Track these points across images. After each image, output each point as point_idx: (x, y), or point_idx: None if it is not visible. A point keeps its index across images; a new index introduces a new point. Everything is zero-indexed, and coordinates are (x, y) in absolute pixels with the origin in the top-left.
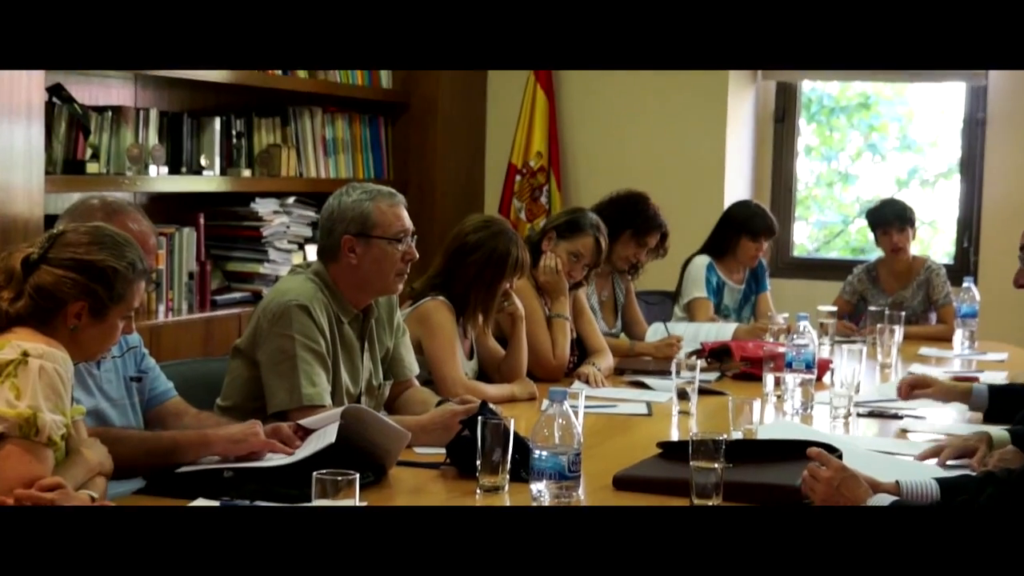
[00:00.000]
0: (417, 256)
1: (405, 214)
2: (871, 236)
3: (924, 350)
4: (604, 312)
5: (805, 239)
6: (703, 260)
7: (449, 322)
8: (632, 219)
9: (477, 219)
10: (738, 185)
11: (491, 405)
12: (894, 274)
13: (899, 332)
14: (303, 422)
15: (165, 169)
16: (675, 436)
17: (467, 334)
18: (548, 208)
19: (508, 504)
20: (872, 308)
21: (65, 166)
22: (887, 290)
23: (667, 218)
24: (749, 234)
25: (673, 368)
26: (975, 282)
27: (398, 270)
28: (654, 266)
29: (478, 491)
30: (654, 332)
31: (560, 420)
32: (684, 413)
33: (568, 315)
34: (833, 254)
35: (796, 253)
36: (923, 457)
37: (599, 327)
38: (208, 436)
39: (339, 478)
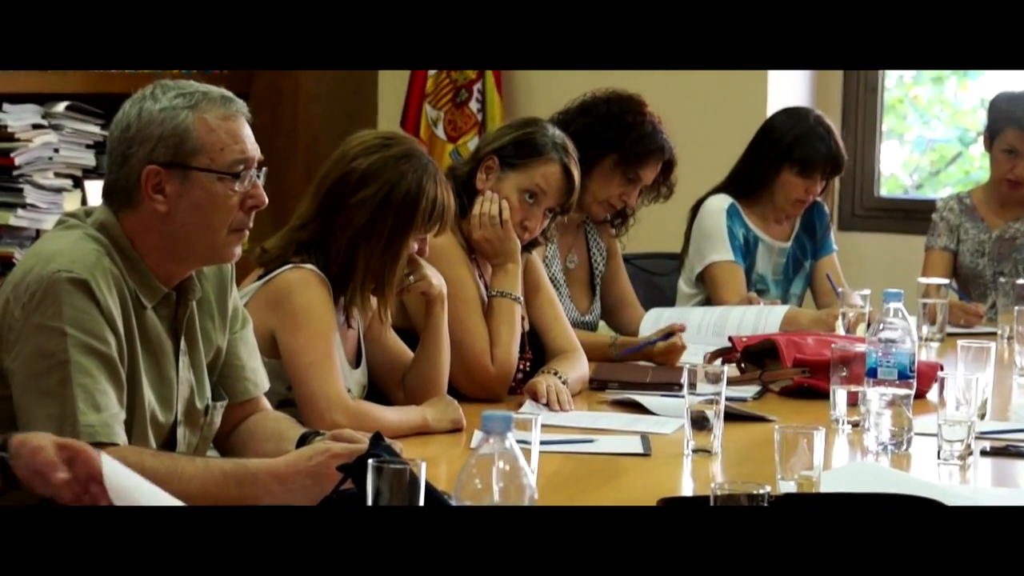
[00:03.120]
0: (266, 201)
1: (248, 132)
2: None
3: None
4: (573, 288)
5: (898, 169)
6: (721, 201)
7: (322, 305)
8: (617, 137)
9: (368, 136)
10: (786, 84)
11: (389, 440)
12: (1001, 199)
13: None
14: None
15: None
16: (688, 490)
17: (351, 324)
18: (483, 120)
19: None
20: (1004, 279)
21: None
22: (989, 223)
23: (677, 142)
24: (797, 163)
25: (684, 379)
26: None
27: (235, 223)
28: (653, 214)
29: None
30: (654, 321)
31: (501, 464)
32: (702, 452)
33: (519, 293)
34: (944, 192)
35: (884, 192)
36: None
37: (565, 312)
38: None
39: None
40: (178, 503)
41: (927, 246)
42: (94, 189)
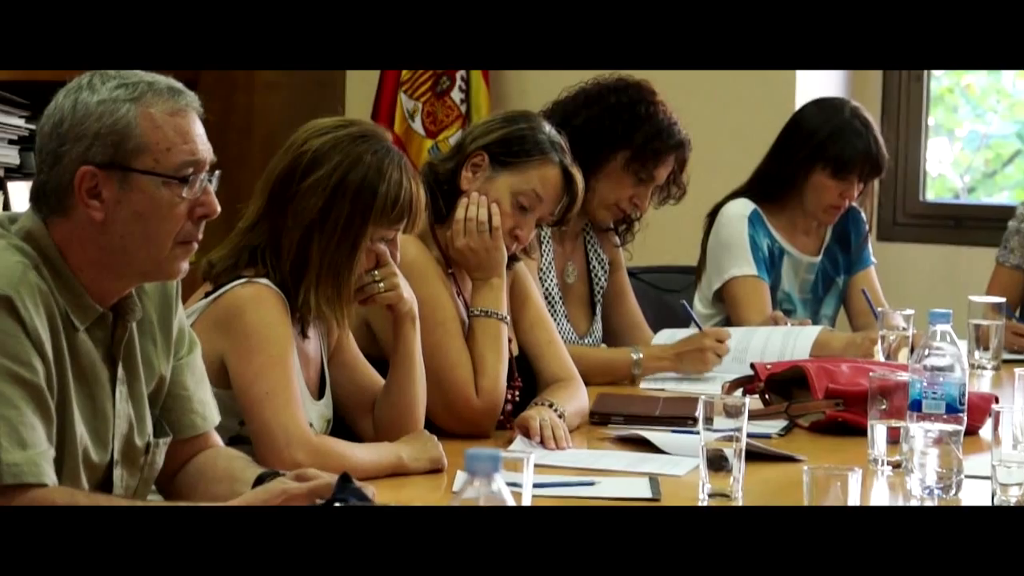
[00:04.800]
0: (218, 210)
1: (199, 130)
2: None
3: None
4: (571, 305)
5: (948, 170)
6: (742, 207)
7: (278, 325)
8: (629, 131)
9: (322, 121)
10: (817, 80)
11: (358, 482)
12: None
13: None
14: None
15: None
16: None
17: (307, 334)
18: (467, 113)
19: None
20: None
21: None
22: None
23: (690, 137)
24: (830, 163)
25: (699, 412)
26: None
27: (182, 234)
28: (663, 221)
29: None
30: (666, 341)
31: None
32: (720, 497)
33: (505, 312)
34: (1001, 197)
35: (930, 196)
36: None
37: (561, 334)
38: None
39: None
40: None
41: (998, 260)
42: (19, 192)
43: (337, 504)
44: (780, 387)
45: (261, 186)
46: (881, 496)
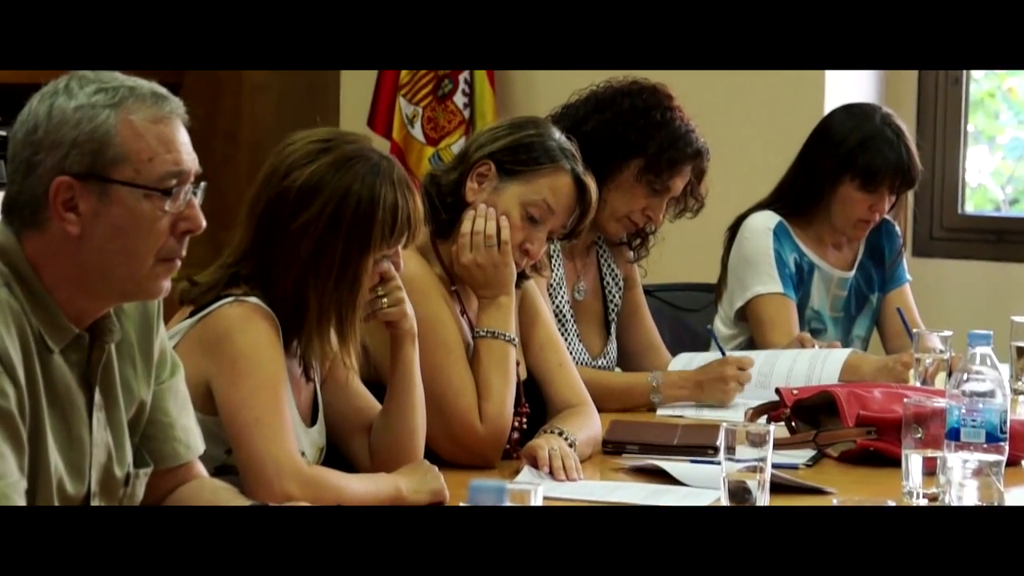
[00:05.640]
0: (203, 225)
1: (184, 139)
2: None
3: None
4: (583, 324)
5: (988, 180)
6: (767, 220)
7: (269, 348)
8: (644, 139)
9: (302, 143)
10: (848, 73)
11: None
12: None
13: None
14: None
15: None
16: None
17: (308, 373)
18: (470, 118)
19: None
20: None
21: None
22: None
23: (711, 145)
24: (859, 173)
25: (721, 440)
26: None
27: (164, 251)
28: (681, 235)
29: None
30: (685, 365)
31: None
32: None
33: (513, 333)
34: None
35: (970, 208)
36: None
37: (573, 355)
38: None
39: None
40: None
41: None
42: None
43: None
44: (807, 414)
45: (244, 220)
46: None
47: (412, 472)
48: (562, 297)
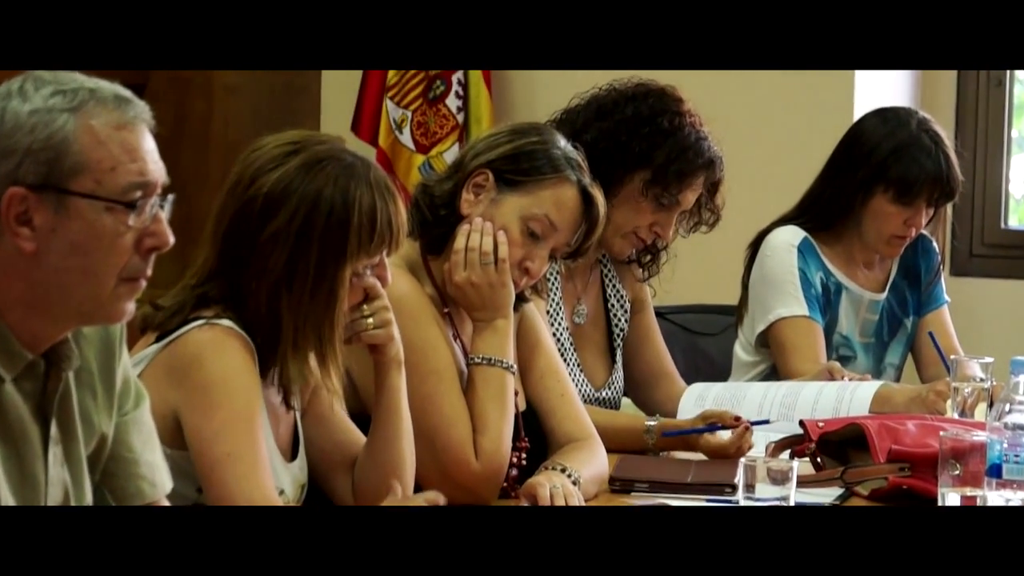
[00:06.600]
0: (170, 241)
1: (150, 146)
2: None
3: None
4: (585, 352)
5: None
6: (791, 236)
7: (243, 375)
8: (650, 148)
9: (268, 146)
10: (881, 76)
11: None
12: None
13: None
14: None
15: None
16: None
17: (288, 401)
18: (464, 123)
19: None
20: None
21: None
22: None
23: (730, 155)
24: (893, 184)
25: (739, 478)
26: None
27: (128, 270)
28: (695, 252)
29: None
30: (696, 401)
31: None
32: None
33: (511, 360)
34: None
35: (1013, 223)
36: None
37: (575, 385)
38: None
39: None
40: None
41: None
42: None
43: None
44: (834, 449)
45: (209, 235)
46: None
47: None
48: (561, 322)
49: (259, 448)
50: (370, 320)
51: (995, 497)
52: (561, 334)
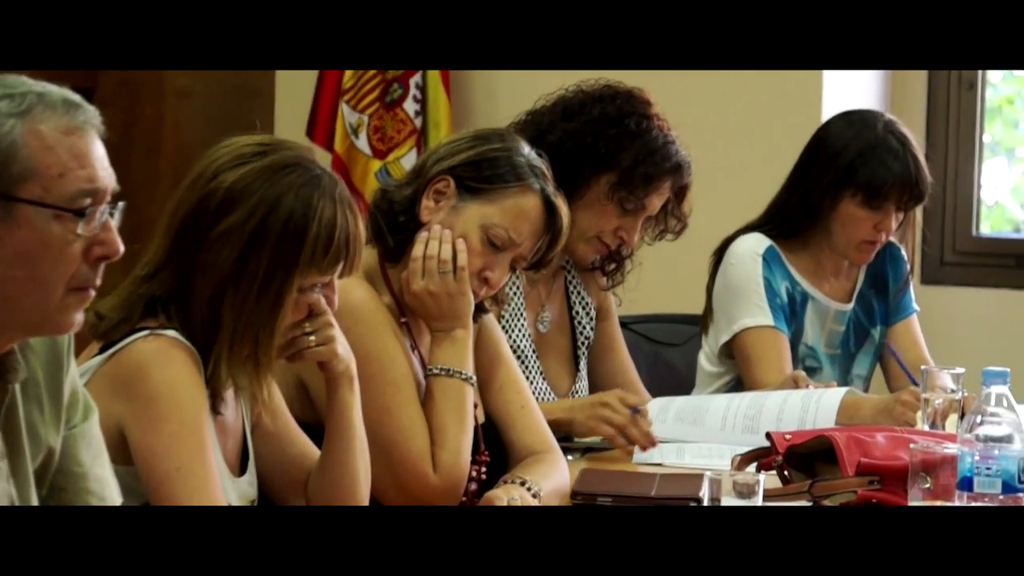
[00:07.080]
0: (120, 250)
1: (100, 152)
2: None
3: None
4: (548, 360)
5: (1007, 198)
6: (756, 243)
7: (190, 387)
8: (615, 151)
9: (236, 144)
10: (849, 79)
11: None
12: None
13: None
14: None
15: None
16: None
17: (219, 410)
18: (423, 127)
19: None
20: None
21: None
22: None
23: (694, 159)
24: (861, 188)
25: (704, 491)
26: None
27: (76, 279)
28: (660, 260)
29: None
30: (659, 413)
31: None
32: None
33: (471, 371)
34: None
35: (986, 230)
36: None
37: (537, 395)
38: None
39: None
40: None
41: None
42: None
43: None
44: (802, 461)
45: (163, 227)
46: None
47: None
48: (522, 329)
49: (208, 462)
50: (312, 337)
51: None
52: (523, 341)
